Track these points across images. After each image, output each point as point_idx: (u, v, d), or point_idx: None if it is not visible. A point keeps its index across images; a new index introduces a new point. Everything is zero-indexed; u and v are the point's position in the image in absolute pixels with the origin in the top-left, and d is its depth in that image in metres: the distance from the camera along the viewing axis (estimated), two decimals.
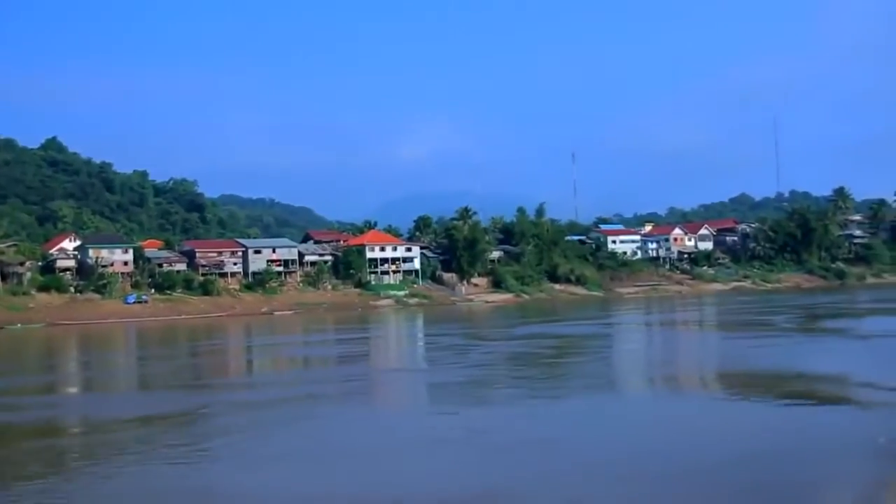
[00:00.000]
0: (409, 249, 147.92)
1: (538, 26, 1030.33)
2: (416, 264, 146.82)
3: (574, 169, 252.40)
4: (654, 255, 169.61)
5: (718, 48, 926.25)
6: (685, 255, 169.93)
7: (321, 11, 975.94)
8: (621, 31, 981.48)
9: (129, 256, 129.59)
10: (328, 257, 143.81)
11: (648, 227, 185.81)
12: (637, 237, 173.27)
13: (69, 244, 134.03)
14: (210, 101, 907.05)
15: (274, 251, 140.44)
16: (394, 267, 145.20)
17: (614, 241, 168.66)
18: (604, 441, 22.40)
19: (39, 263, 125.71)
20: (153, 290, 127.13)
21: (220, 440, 24.27)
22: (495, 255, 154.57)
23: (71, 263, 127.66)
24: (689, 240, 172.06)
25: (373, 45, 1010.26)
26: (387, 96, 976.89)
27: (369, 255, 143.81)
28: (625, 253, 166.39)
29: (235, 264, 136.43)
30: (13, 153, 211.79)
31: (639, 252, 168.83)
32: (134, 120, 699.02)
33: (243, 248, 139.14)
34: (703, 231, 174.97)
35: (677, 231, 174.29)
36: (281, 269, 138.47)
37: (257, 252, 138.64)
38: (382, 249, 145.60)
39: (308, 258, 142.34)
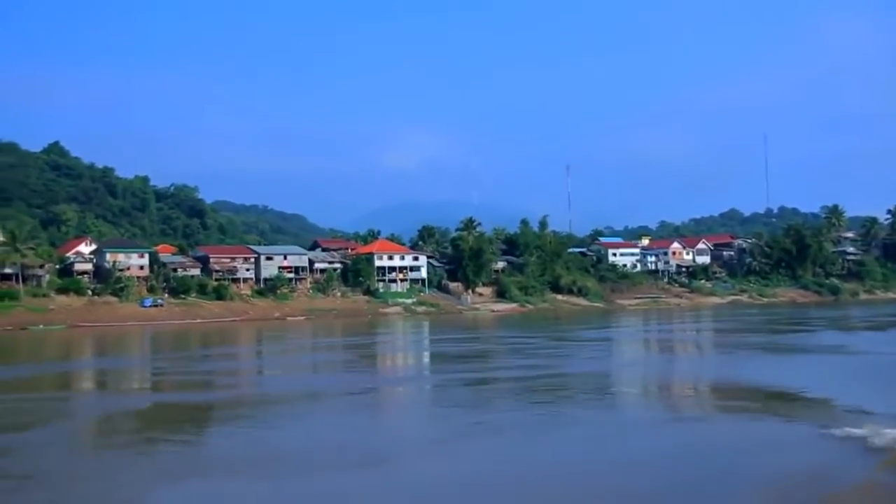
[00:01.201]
0: (416, 258, 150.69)
1: (528, 40, 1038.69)
2: (423, 273, 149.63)
3: (569, 181, 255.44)
4: (654, 268, 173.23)
5: (706, 65, 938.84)
6: (683, 269, 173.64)
7: (313, 21, 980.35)
8: (610, 49, 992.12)
9: (145, 261, 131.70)
10: (337, 265, 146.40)
11: (646, 241, 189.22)
12: (636, 250, 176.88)
13: (85, 248, 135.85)
14: (200, 108, 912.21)
15: (285, 258, 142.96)
16: (401, 275, 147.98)
17: (614, 254, 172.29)
18: None
19: (57, 266, 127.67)
20: (167, 294, 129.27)
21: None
22: (499, 265, 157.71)
23: (88, 267, 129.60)
24: (688, 254, 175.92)
25: (360, 56, 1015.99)
26: (376, 106, 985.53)
27: (378, 263, 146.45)
28: (625, 265, 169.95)
29: (248, 270, 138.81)
30: (16, 157, 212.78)
31: (638, 265, 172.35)
32: (127, 126, 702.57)
33: (256, 255, 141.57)
34: (700, 245, 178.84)
35: (676, 245, 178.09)
36: (292, 275, 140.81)
37: (269, 259, 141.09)
38: (390, 258, 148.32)
39: (318, 265, 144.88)
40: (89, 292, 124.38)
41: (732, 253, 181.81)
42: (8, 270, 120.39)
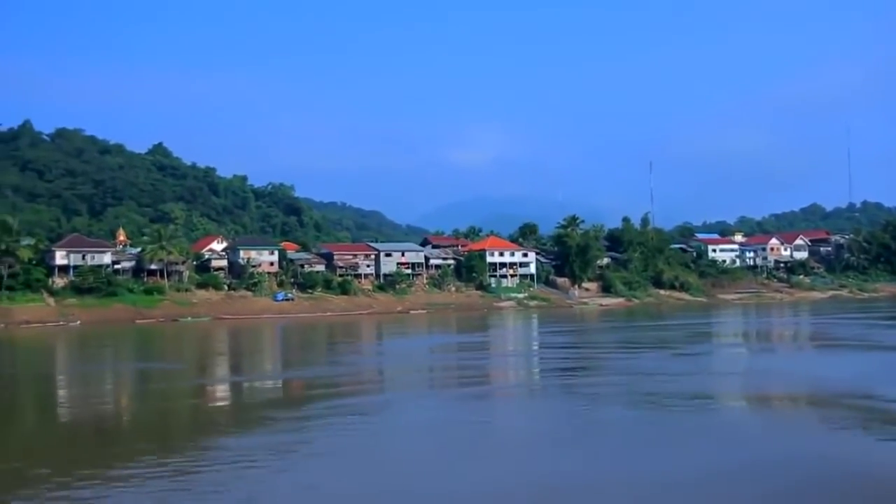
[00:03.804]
0: (525, 255, 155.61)
1: (599, 37, 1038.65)
2: (532, 269, 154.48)
3: (651, 178, 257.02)
4: (752, 263, 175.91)
5: (785, 57, 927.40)
6: (781, 264, 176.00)
7: (382, 20, 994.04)
8: (685, 43, 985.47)
9: (275, 258, 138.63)
10: (451, 261, 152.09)
11: (739, 237, 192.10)
12: (735, 246, 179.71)
13: (217, 245, 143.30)
14: (279, 109, 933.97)
15: (403, 255, 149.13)
16: (511, 271, 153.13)
17: (714, 250, 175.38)
18: None
19: (195, 263, 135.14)
20: (296, 289, 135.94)
21: None
22: (604, 261, 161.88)
23: (223, 263, 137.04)
24: (785, 249, 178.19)
25: (433, 51, 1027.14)
26: (446, 103, 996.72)
27: (489, 259, 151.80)
28: (724, 261, 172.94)
29: (368, 266, 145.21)
30: (124, 158, 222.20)
31: (737, 261, 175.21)
32: (217, 127, 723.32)
33: (376, 252, 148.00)
34: (798, 241, 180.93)
35: (774, 241, 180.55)
36: (409, 271, 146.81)
37: (388, 255, 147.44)
38: (501, 254, 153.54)
39: (433, 262, 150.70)
40: (225, 287, 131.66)
41: (829, 248, 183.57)
42: (153, 266, 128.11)
